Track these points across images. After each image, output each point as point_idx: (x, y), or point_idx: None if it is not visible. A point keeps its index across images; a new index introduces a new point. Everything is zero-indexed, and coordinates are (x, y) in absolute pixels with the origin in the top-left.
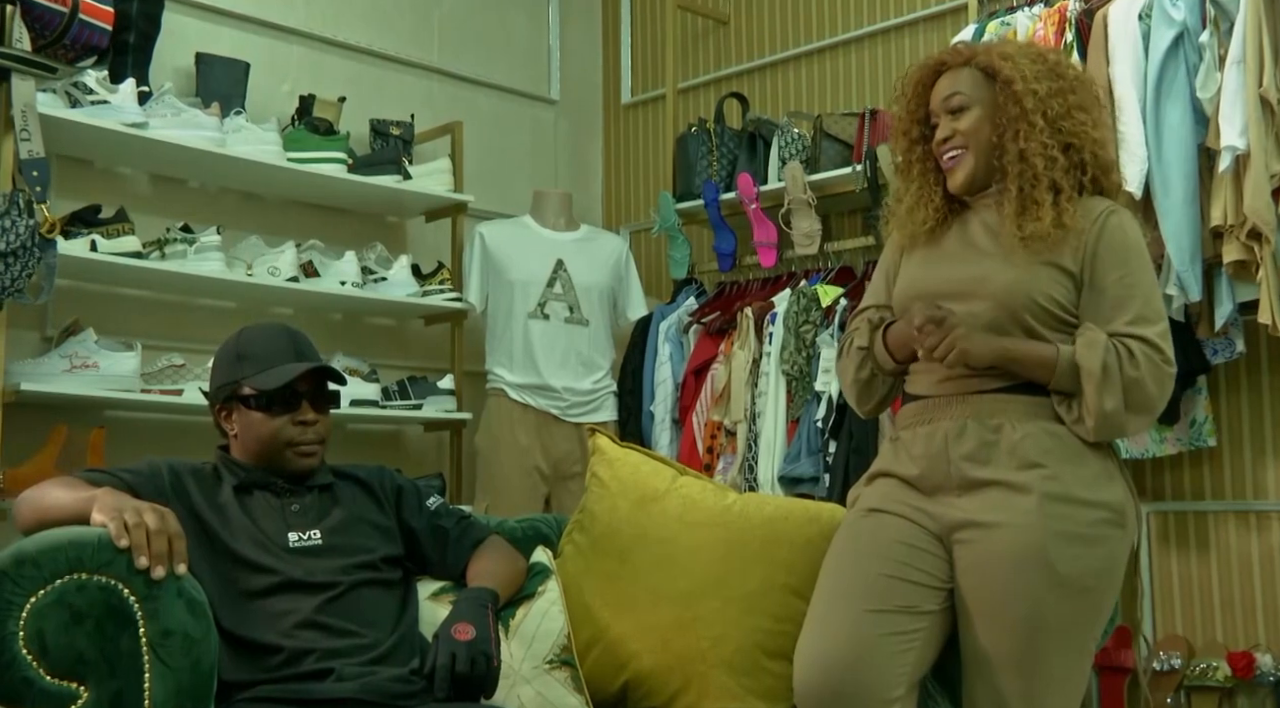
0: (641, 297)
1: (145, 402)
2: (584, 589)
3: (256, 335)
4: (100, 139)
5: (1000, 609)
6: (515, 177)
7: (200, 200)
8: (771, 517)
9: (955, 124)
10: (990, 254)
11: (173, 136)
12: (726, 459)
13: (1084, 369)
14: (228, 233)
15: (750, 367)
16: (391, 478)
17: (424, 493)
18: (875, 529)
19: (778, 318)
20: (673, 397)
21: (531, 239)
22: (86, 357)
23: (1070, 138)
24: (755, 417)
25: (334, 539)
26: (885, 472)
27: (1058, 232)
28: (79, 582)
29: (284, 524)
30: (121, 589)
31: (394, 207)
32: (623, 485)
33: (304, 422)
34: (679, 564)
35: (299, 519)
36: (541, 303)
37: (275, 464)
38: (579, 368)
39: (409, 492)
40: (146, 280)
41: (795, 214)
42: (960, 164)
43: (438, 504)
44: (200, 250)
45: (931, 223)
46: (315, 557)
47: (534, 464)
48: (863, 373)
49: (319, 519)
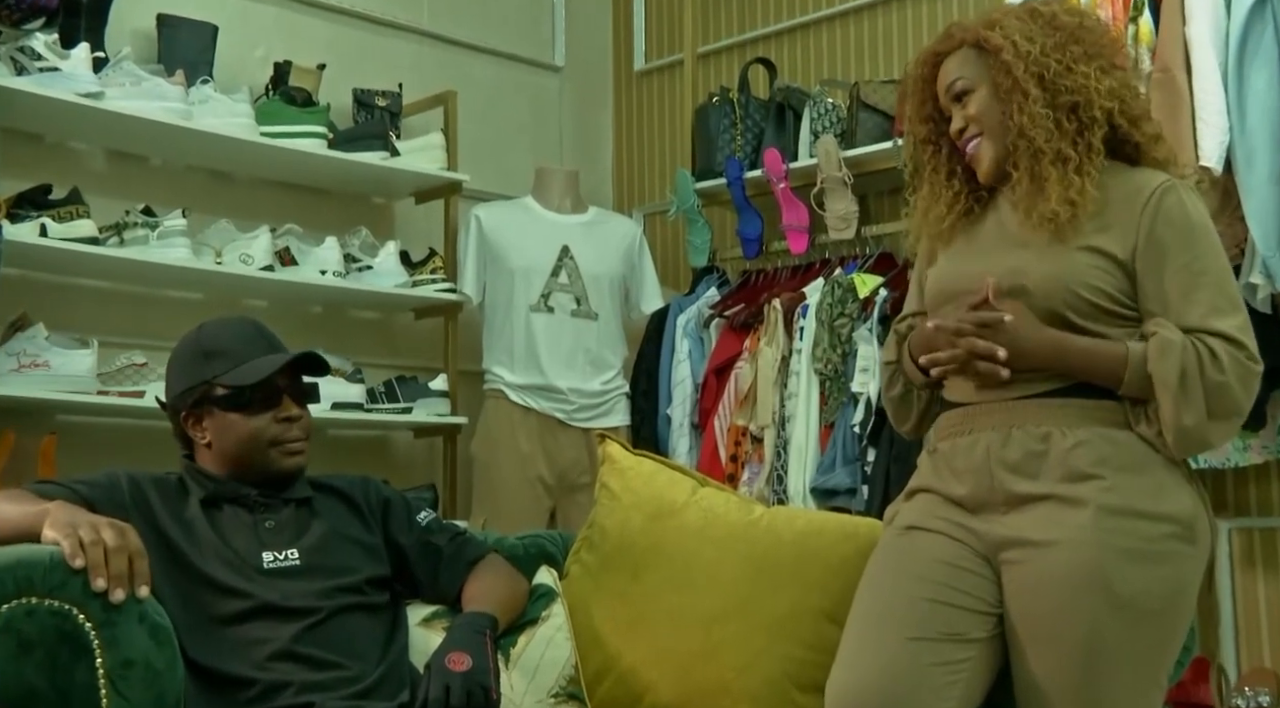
0: (657, 287)
1: (102, 405)
2: (593, 614)
3: (220, 330)
4: (50, 111)
5: (1055, 637)
6: (515, 153)
7: (163, 180)
8: (803, 532)
9: (964, 112)
10: (1025, 244)
11: (132, 108)
12: (752, 469)
13: (1158, 379)
14: (194, 216)
15: (779, 365)
16: (377, 490)
17: (414, 507)
18: (914, 549)
19: (809, 311)
20: (692, 399)
21: (534, 223)
22: (36, 355)
23: (1074, 95)
24: (784, 421)
25: (313, 559)
26: (924, 488)
27: (1067, 210)
28: (28, 607)
29: (257, 542)
30: (76, 615)
31: (380, 187)
32: (636, 498)
33: (288, 417)
34: (699, 585)
35: (274, 537)
36: (545, 294)
37: (259, 468)
38: (587, 367)
39: (397, 505)
40: (103, 269)
41: (829, 194)
42: (981, 152)
43: (429, 519)
44: (164, 236)
45: (951, 219)
46: (292, 579)
47: (537, 474)
48: (894, 389)
49: (296, 537)
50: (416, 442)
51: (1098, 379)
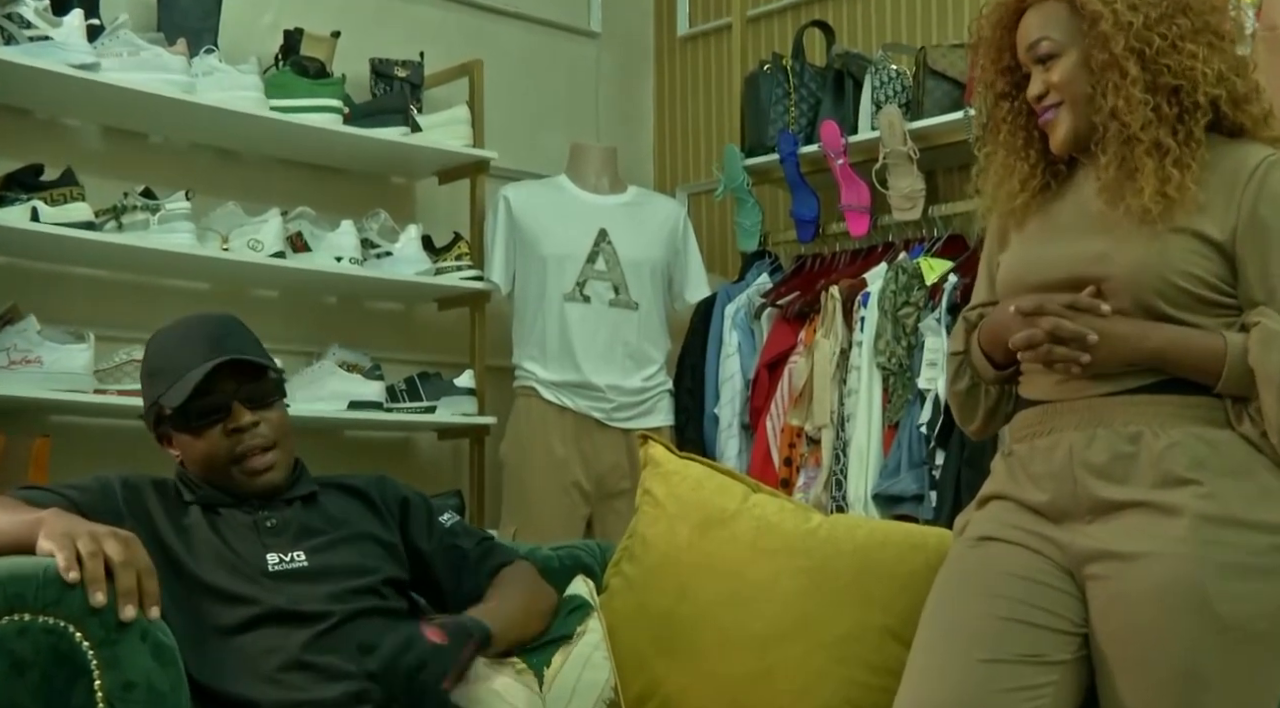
0: (703, 274)
1: (99, 404)
2: (635, 632)
3: (165, 341)
4: (41, 84)
5: (1148, 660)
6: (547, 128)
7: (164, 159)
8: (865, 544)
9: (1047, 77)
10: (1110, 227)
11: (130, 81)
12: (808, 473)
13: (1261, 374)
14: (199, 199)
15: (837, 359)
16: (394, 489)
17: (435, 508)
18: (989, 562)
19: (871, 299)
20: (741, 397)
21: (568, 204)
22: (28, 350)
23: (1178, 79)
24: (844, 421)
25: (322, 559)
26: (999, 494)
27: (1161, 205)
28: (20, 624)
29: (260, 544)
30: (73, 633)
31: (400, 165)
32: (682, 505)
33: (238, 428)
34: (751, 602)
35: (276, 538)
36: (580, 282)
37: (231, 488)
38: (626, 362)
39: (417, 506)
40: (100, 257)
41: (893, 171)
42: (1058, 122)
43: (452, 521)
44: (165, 220)
45: (1025, 197)
46: (301, 582)
47: (572, 480)
48: (960, 383)
49: (302, 536)
50: (440, 444)
51: (1192, 374)
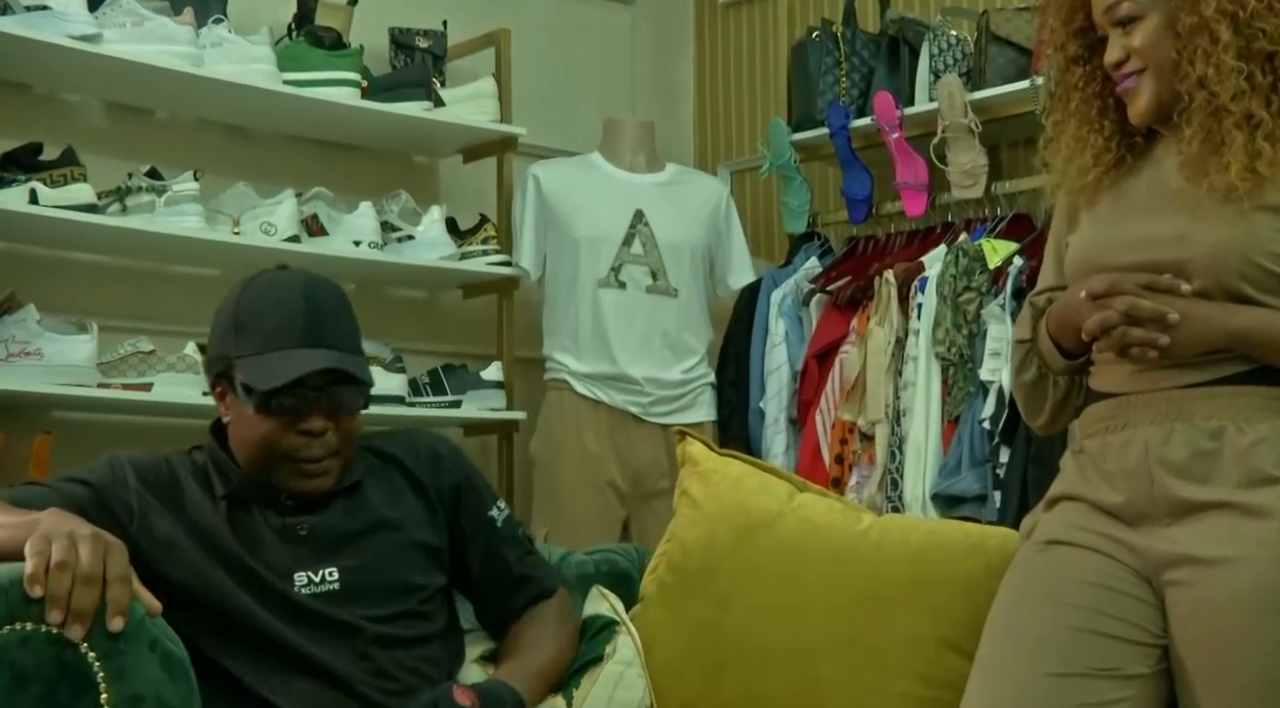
0: (747, 258)
1: (104, 399)
2: (673, 645)
3: (262, 296)
4: (39, 57)
5: (1231, 669)
6: (580, 101)
7: (171, 137)
8: (921, 547)
9: (1127, 41)
10: (1190, 206)
11: (134, 53)
12: (861, 472)
13: None
14: (208, 179)
15: (892, 349)
16: (449, 469)
17: (488, 495)
18: (1058, 567)
19: (929, 284)
20: (789, 389)
21: (602, 183)
22: (26, 341)
23: (1275, 44)
24: (899, 415)
25: (357, 579)
26: (1069, 495)
27: (1249, 182)
28: (22, 634)
29: (290, 556)
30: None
31: (422, 143)
32: (722, 506)
33: (308, 431)
34: (798, 611)
35: (308, 550)
36: (615, 267)
37: (272, 478)
38: (665, 352)
39: (469, 496)
40: (103, 241)
41: (953, 145)
42: (1139, 90)
43: (503, 518)
44: (172, 202)
45: (1098, 171)
46: (332, 605)
47: (608, 478)
48: (1026, 374)
49: (336, 546)
50: (467, 440)
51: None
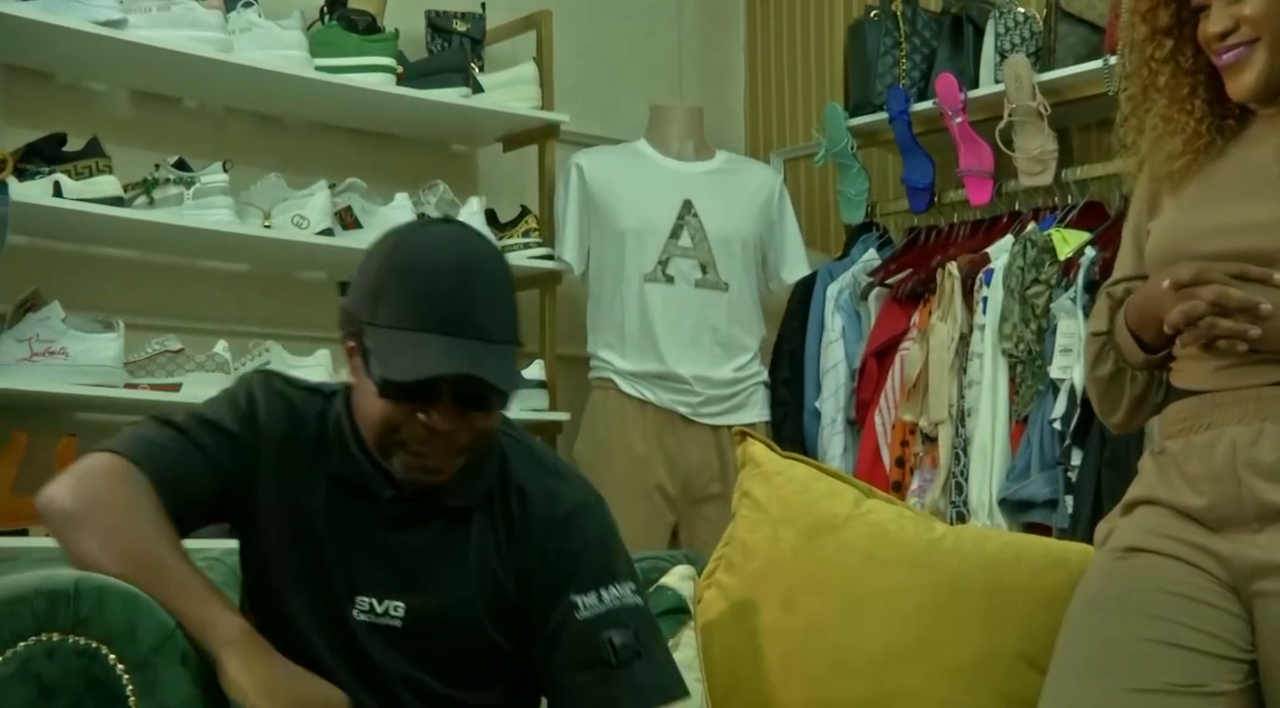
0: (801, 250)
1: (131, 400)
2: (733, 649)
3: (414, 260)
4: (62, 44)
5: None
6: (624, 87)
7: (199, 126)
8: (998, 559)
9: (1237, 9)
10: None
11: (160, 39)
12: (923, 475)
13: None
14: (237, 170)
15: (956, 345)
16: (570, 545)
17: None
18: (1137, 577)
19: (995, 276)
20: (846, 388)
21: (648, 172)
22: (51, 340)
23: None
24: (964, 416)
25: (423, 624)
26: (1148, 499)
27: None
28: (48, 645)
29: (360, 571)
30: (105, 655)
31: (460, 131)
32: (788, 509)
33: (431, 429)
34: (868, 618)
35: (382, 570)
36: (663, 260)
37: (387, 461)
38: (715, 349)
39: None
40: (129, 236)
41: (1020, 129)
42: (1247, 63)
43: (589, 611)
44: (201, 194)
45: (1186, 157)
46: (383, 644)
47: (656, 482)
48: (1102, 368)
49: (413, 576)
50: None
51: None
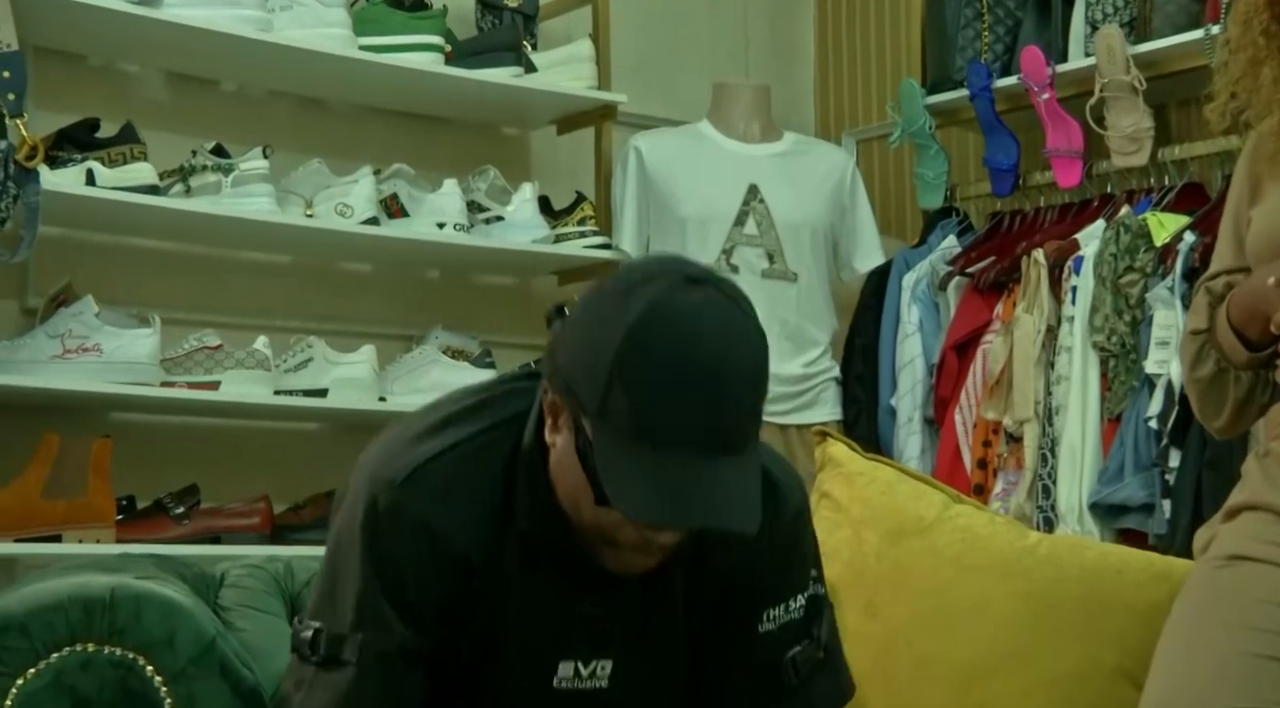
0: (875, 237)
1: (167, 399)
2: None
3: (662, 356)
4: (94, 24)
5: None
6: (687, 64)
7: (238, 110)
8: (1095, 568)
9: None
10: None
11: (197, 18)
12: (1008, 478)
13: None
14: (278, 156)
15: (1043, 338)
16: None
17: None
18: (1239, 586)
19: (1085, 264)
20: (924, 385)
21: (711, 155)
22: (84, 337)
23: None
24: (1051, 414)
25: (631, 680)
26: (1253, 503)
27: None
28: (83, 656)
29: (563, 640)
30: (142, 666)
31: (512, 113)
32: (871, 511)
33: (646, 537)
34: (957, 626)
35: (586, 633)
36: (727, 249)
37: (580, 544)
38: (783, 344)
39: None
40: (165, 226)
41: (1113, 106)
42: None
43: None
44: (240, 182)
45: None
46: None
47: None
48: (1202, 369)
49: (620, 639)
50: None
51: None
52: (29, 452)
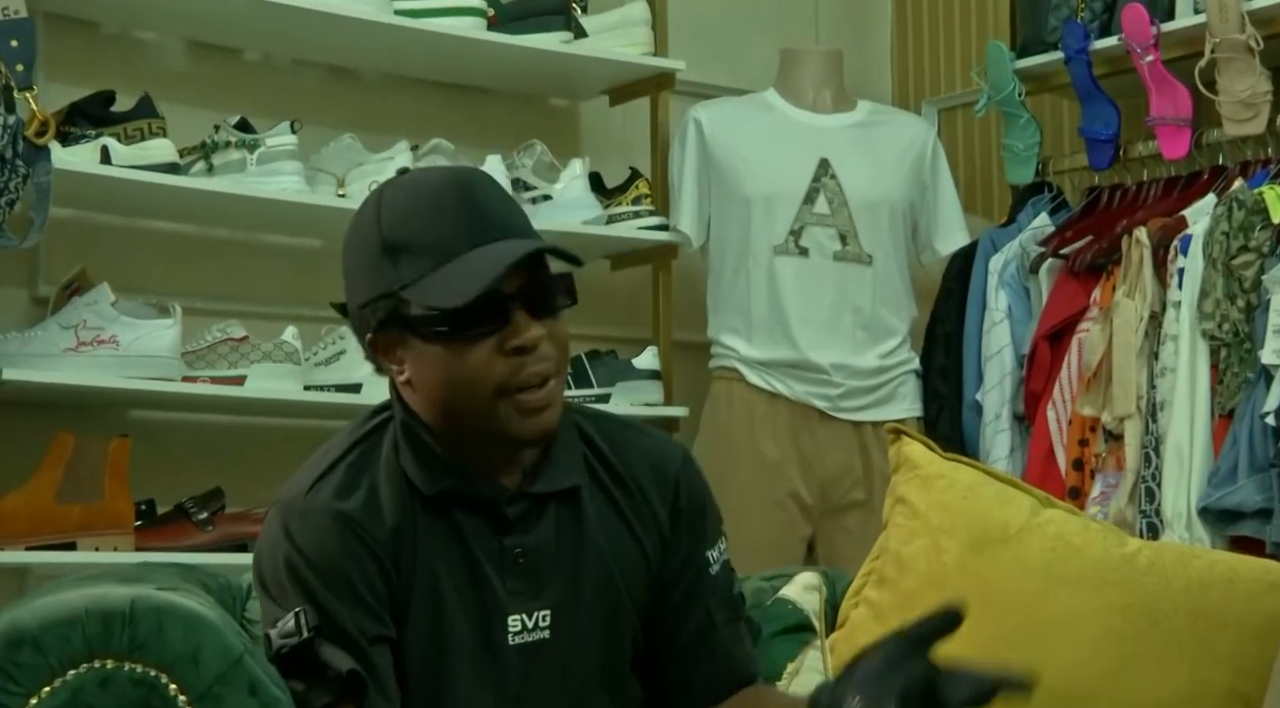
0: (959, 216)
1: (189, 395)
2: None
3: (408, 204)
4: None
5: None
6: (751, 29)
7: (264, 81)
8: (1204, 580)
9: None
10: None
11: None
12: (1107, 480)
13: None
14: (307, 130)
15: (1146, 326)
16: (687, 492)
17: (713, 527)
18: None
19: (1193, 244)
20: (1013, 378)
21: (778, 128)
22: (99, 328)
23: None
24: (1156, 409)
25: (567, 627)
26: None
27: None
28: (102, 673)
29: (505, 591)
30: (164, 683)
31: (560, 83)
32: (951, 517)
33: (520, 347)
34: (1048, 645)
35: (522, 581)
36: (796, 230)
37: (485, 433)
38: (858, 333)
39: (690, 526)
40: (186, 207)
41: (1225, 68)
42: None
43: (719, 563)
44: (266, 159)
45: None
46: (537, 664)
47: (789, 489)
48: None
49: (549, 576)
50: None
51: None
52: (41, 453)
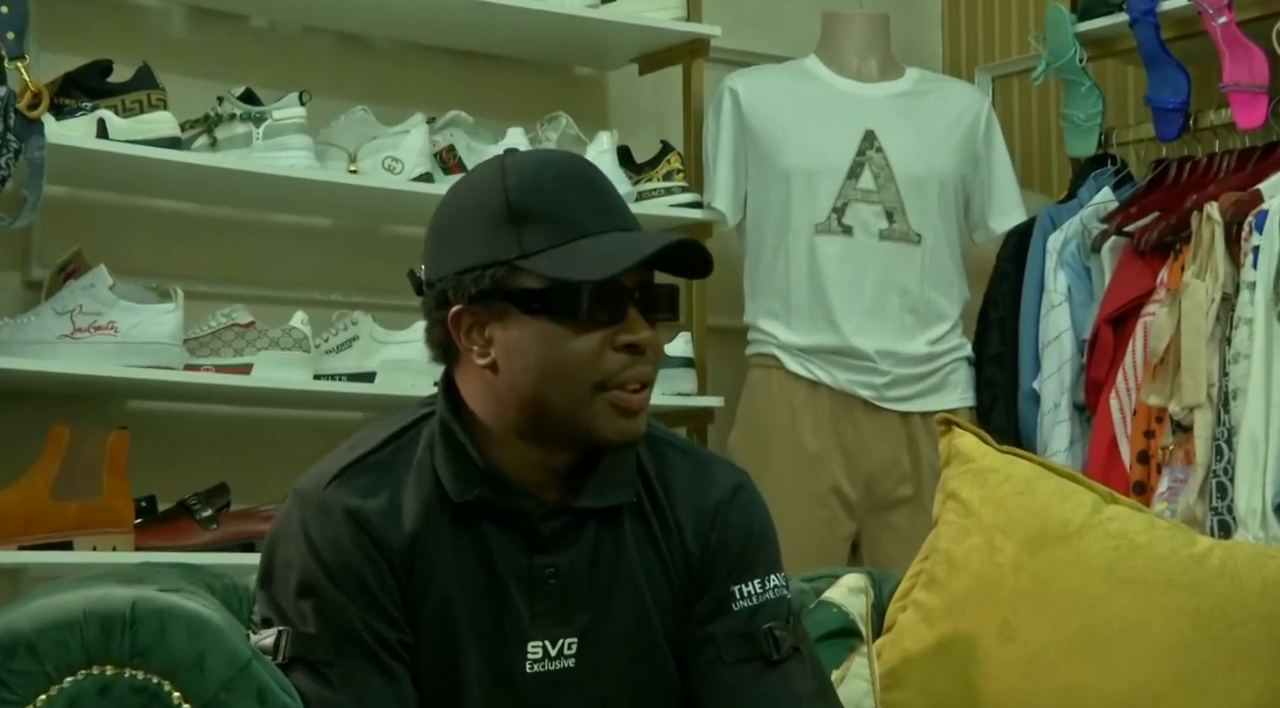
0: (1014, 191)
1: (192, 385)
2: (934, 684)
3: (537, 173)
4: None
5: None
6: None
7: (270, 49)
8: (1278, 580)
9: None
10: None
11: None
12: (1175, 474)
13: None
14: (317, 102)
15: (1218, 309)
16: (713, 520)
17: (748, 564)
18: None
19: (1269, 221)
20: (1073, 365)
21: (820, 97)
22: (96, 313)
23: None
24: (1228, 398)
25: (596, 653)
26: None
27: None
28: (102, 679)
29: (529, 615)
30: (168, 692)
31: (586, 49)
32: (1006, 515)
33: (634, 344)
34: (1110, 650)
35: (549, 604)
36: (839, 207)
37: (567, 430)
38: (905, 317)
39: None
40: (188, 184)
41: None
42: None
43: (749, 599)
44: (272, 133)
45: None
46: (560, 689)
47: (831, 484)
48: None
49: (579, 603)
50: None
51: None
52: (35, 446)
